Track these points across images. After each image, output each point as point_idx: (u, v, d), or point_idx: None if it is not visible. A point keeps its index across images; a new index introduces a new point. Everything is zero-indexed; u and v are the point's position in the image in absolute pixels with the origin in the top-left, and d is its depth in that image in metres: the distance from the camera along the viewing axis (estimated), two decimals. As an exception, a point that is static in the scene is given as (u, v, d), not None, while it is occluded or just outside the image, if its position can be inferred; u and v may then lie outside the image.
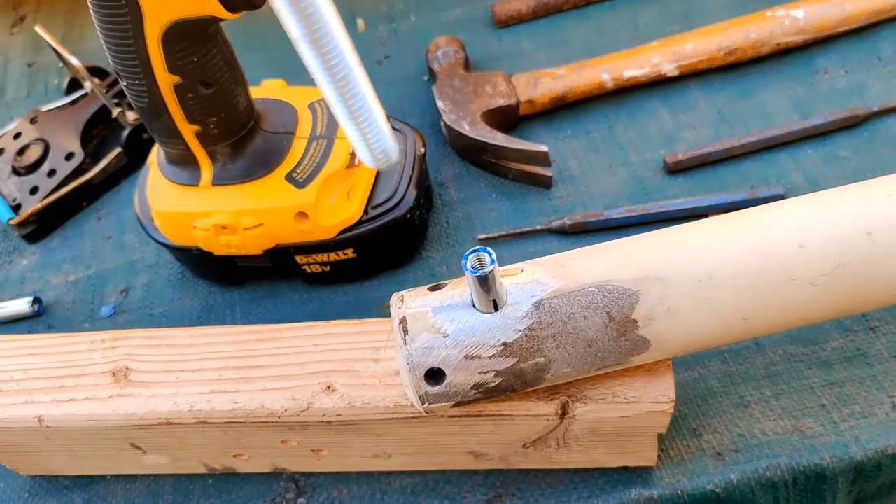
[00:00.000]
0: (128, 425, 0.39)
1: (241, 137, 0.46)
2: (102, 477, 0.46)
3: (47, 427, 0.39)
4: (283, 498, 0.44)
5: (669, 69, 0.56)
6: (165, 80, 0.41)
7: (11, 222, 0.59)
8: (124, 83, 0.43)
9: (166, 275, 0.56)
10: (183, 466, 0.44)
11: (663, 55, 0.56)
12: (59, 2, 0.82)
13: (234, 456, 0.43)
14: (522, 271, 0.33)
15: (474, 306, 0.32)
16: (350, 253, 0.49)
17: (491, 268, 0.29)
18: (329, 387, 0.37)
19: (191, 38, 0.40)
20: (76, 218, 0.62)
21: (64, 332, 0.43)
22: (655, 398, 0.34)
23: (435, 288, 0.34)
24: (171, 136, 0.45)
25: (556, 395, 0.35)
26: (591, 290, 0.31)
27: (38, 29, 0.62)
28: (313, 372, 0.38)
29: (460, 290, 0.33)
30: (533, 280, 0.32)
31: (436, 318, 0.32)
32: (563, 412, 0.35)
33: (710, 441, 0.42)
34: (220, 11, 0.39)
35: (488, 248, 0.30)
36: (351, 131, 0.23)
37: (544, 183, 0.54)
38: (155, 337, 0.41)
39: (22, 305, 0.55)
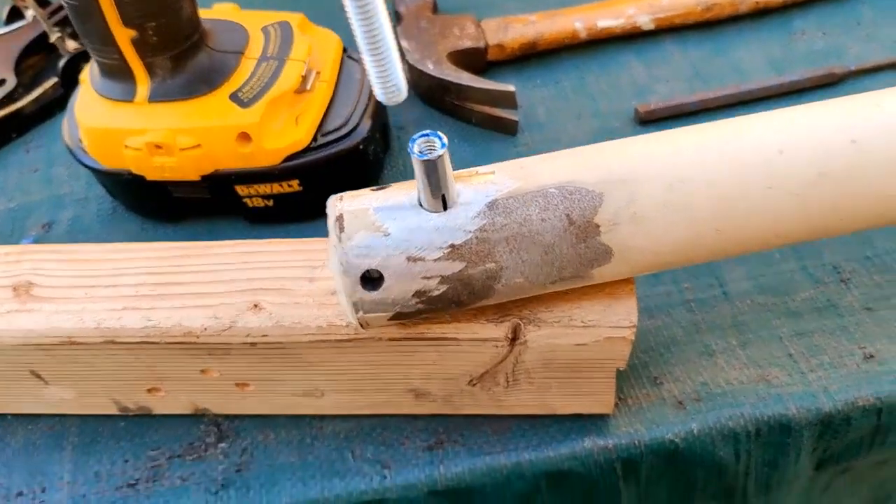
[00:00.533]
0: (27, 345, 0.35)
1: (184, 51, 0.43)
2: (1, 417, 0.42)
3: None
4: (202, 442, 0.39)
5: (645, 21, 0.54)
6: (97, -29, 0.38)
7: (-71, 146, 0.54)
8: (52, -26, 0.39)
9: (95, 209, 0.52)
10: (91, 404, 0.40)
11: (639, 7, 0.54)
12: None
13: (149, 391, 0.38)
14: (477, 172, 0.30)
15: (421, 205, 0.29)
16: (295, 185, 0.46)
17: (441, 151, 0.26)
18: (256, 305, 0.34)
19: (126, -79, 0.37)
20: (4, 149, 0.57)
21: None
22: (616, 322, 0.31)
23: (378, 189, 0.30)
24: (105, 41, 0.41)
25: (506, 317, 0.32)
26: (550, 190, 0.28)
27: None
28: (240, 290, 0.34)
29: (406, 189, 0.29)
30: (488, 181, 0.29)
31: (377, 216, 0.29)
32: (514, 337, 0.32)
33: (671, 390, 0.39)
34: None
35: (439, 133, 0.27)
36: (369, 63, 0.24)
37: (510, 128, 0.51)
38: (67, 251, 0.37)
39: (-68, 233, 0.50)
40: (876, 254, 0.43)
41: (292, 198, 0.46)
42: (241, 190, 0.46)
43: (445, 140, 0.27)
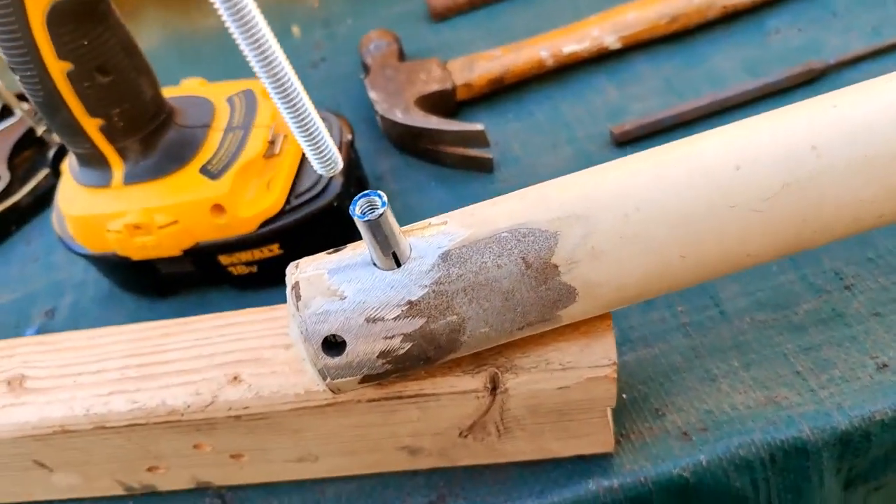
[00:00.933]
0: (24, 437, 0.35)
1: (152, 132, 0.43)
2: (12, 508, 0.42)
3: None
4: (207, 517, 0.39)
5: (611, 41, 0.53)
6: (57, 68, 0.39)
7: (-69, 249, 0.56)
8: (18, 77, 0.40)
9: (92, 292, 0.52)
10: (98, 487, 0.40)
11: (603, 28, 0.53)
12: None
13: (149, 470, 0.38)
14: (430, 225, 0.29)
15: (374, 264, 0.28)
16: (276, 249, 0.46)
17: (382, 210, 0.26)
18: (236, 377, 0.33)
19: (78, 19, 0.38)
20: (5, 244, 0.58)
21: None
22: (594, 362, 0.30)
23: (335, 251, 0.30)
24: (74, 132, 0.42)
25: (482, 367, 0.31)
26: (503, 235, 0.28)
27: (-42, 52, 0.59)
28: (220, 363, 0.34)
29: (360, 250, 0.29)
30: (439, 232, 0.28)
31: (332, 279, 0.28)
32: (494, 386, 0.31)
33: (674, 421, 0.37)
34: (101, -18, 0.36)
35: (379, 192, 0.26)
36: (302, 141, 0.25)
37: (485, 166, 0.51)
38: (51, 342, 0.38)
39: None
40: (879, 255, 0.41)
41: (275, 261, 0.46)
42: (223, 259, 0.46)
43: (385, 198, 0.26)
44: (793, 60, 0.51)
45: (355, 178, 0.48)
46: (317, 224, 0.45)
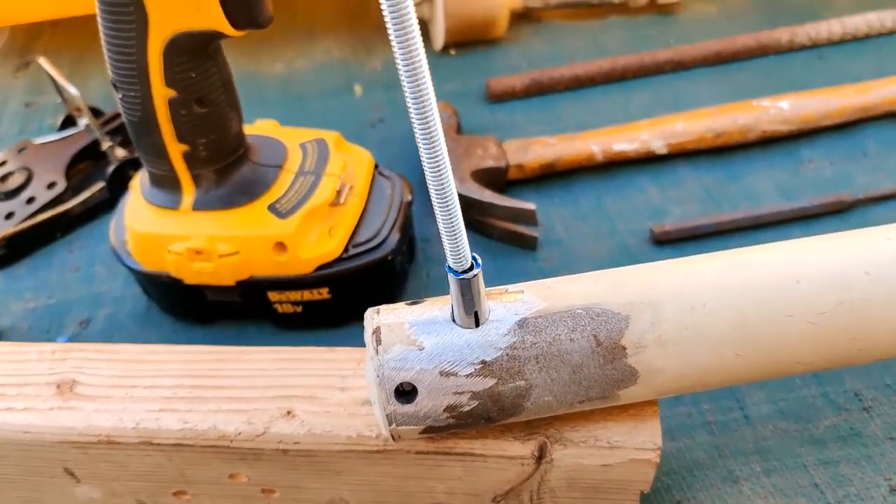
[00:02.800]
0: (65, 442, 0.35)
1: (229, 164, 0.46)
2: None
3: (-24, 436, 0.36)
4: (221, 550, 0.39)
5: (658, 146, 0.57)
6: (161, 94, 0.41)
7: (-22, 244, 0.57)
8: (120, 95, 0.42)
9: (130, 308, 0.53)
10: (115, 505, 0.40)
11: (653, 132, 0.57)
12: (67, 49, 0.84)
13: (175, 494, 0.38)
14: (507, 291, 0.31)
15: (454, 321, 0.30)
16: (325, 293, 0.47)
17: (476, 271, 0.28)
18: (289, 412, 0.34)
19: (192, 53, 0.40)
20: (48, 248, 0.60)
21: (14, 342, 0.40)
22: (641, 444, 0.32)
23: (413, 303, 0.32)
24: (158, 154, 0.44)
25: (533, 435, 0.32)
26: (578, 311, 0.30)
27: (41, 60, 0.62)
28: (274, 396, 0.35)
29: (440, 304, 0.31)
30: (518, 299, 0.30)
31: (412, 330, 0.30)
32: (541, 455, 0.32)
33: (696, 515, 0.38)
34: (226, 27, 0.39)
35: (475, 254, 0.28)
36: (442, 229, 0.26)
37: (530, 244, 0.53)
38: (108, 351, 0.38)
39: (-29, 327, 0.52)
40: (896, 381, 0.44)
41: (321, 305, 0.48)
42: (272, 296, 0.48)
43: (480, 260, 0.28)
44: (823, 190, 0.55)
45: (408, 237, 0.51)
46: (369, 274, 0.47)
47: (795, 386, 0.44)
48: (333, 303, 0.48)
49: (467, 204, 0.54)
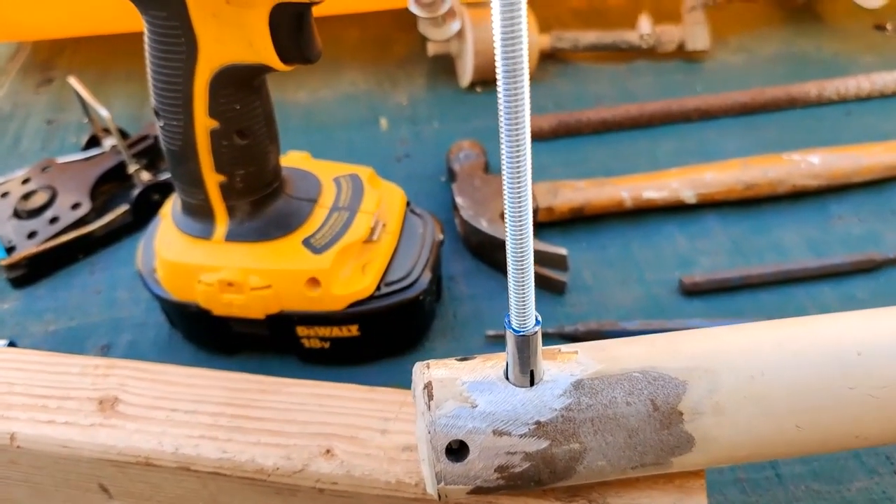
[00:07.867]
0: (103, 459, 0.35)
1: (264, 196, 0.45)
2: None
3: (18, 447, 0.35)
4: None
5: (688, 196, 0.57)
6: (203, 124, 0.41)
7: (1, 263, 0.56)
8: (161, 123, 0.42)
9: (152, 335, 0.53)
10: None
11: (683, 182, 0.57)
12: (89, 67, 0.83)
13: (202, 524, 0.37)
14: (561, 351, 0.31)
15: (508, 379, 0.29)
16: (354, 330, 0.47)
17: (537, 328, 0.27)
18: (329, 451, 0.34)
19: (238, 85, 0.40)
20: (69, 269, 0.59)
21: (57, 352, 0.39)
22: (688, 513, 0.31)
23: (463, 359, 0.31)
24: (195, 184, 0.44)
25: (575, 498, 0.32)
26: (635, 374, 0.29)
27: (71, 80, 0.62)
28: (314, 433, 0.35)
29: (493, 362, 0.30)
30: (572, 359, 0.30)
31: (464, 386, 0.29)
32: (585, 517, 0.32)
33: (731, 579, 0.38)
34: (275, 62, 0.39)
35: (536, 312, 0.28)
36: (512, 284, 0.26)
37: (558, 288, 0.53)
38: (151, 370, 0.38)
39: (-11, 348, 0.51)
40: (927, 446, 0.43)
41: (349, 342, 0.47)
42: (301, 331, 0.47)
43: (539, 318, 0.28)
44: (852, 246, 0.55)
45: (437, 277, 0.50)
46: (400, 314, 0.47)
47: (828, 448, 0.43)
48: (361, 340, 0.47)
49: (495, 244, 0.54)
